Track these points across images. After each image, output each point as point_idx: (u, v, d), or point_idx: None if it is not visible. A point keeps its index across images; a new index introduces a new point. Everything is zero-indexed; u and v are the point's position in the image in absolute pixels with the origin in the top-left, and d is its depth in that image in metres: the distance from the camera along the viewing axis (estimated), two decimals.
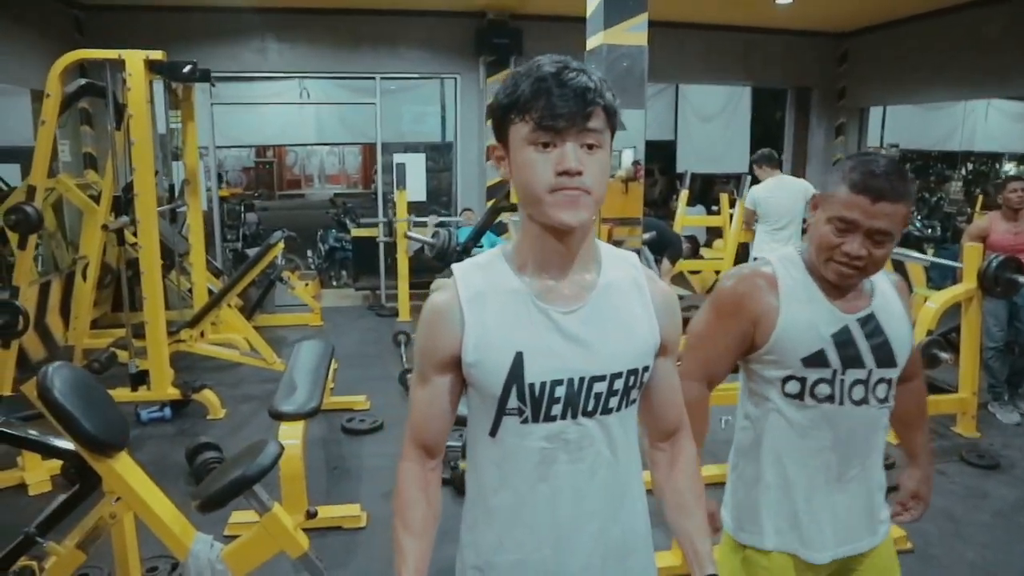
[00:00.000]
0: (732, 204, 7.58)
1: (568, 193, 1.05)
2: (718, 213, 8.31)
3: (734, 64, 8.71)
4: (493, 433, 1.17)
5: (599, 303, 1.16)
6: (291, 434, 3.15)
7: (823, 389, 1.49)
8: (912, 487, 1.73)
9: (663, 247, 6.22)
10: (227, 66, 7.18)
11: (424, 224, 7.34)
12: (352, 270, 8.55)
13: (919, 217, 11.30)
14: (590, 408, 1.15)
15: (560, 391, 1.13)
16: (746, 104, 10.02)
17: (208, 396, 4.61)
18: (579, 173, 1.05)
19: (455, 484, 3.69)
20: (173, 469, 3.75)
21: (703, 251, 8.65)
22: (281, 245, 5.43)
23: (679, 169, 9.78)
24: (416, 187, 7.24)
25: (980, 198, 8.92)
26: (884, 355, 1.50)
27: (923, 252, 7.50)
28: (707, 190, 11.83)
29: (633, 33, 3.64)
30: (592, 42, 3.81)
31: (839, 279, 1.46)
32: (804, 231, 6.03)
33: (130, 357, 4.48)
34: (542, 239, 1.13)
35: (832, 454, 1.51)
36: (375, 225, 7.90)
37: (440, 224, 7.09)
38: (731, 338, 1.54)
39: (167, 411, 4.53)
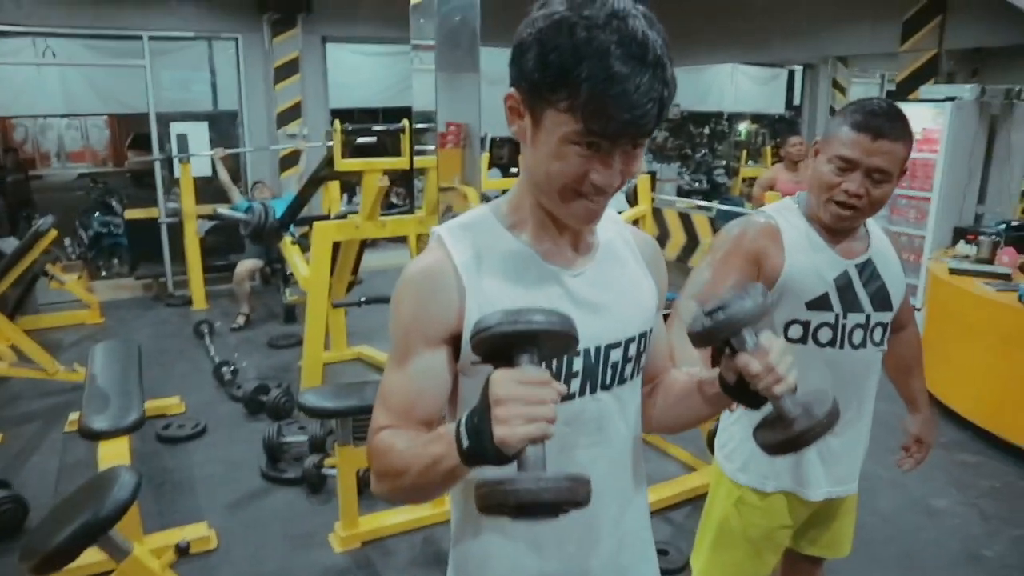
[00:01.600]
0: None
1: (593, 200, 0.93)
2: (517, 175, 8.42)
3: None
4: None
5: (603, 263, 1.05)
6: (115, 454, 2.66)
7: (825, 334, 1.52)
8: (915, 431, 1.80)
9: None
10: None
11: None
12: (128, 257, 7.53)
13: (686, 172, 12.35)
14: (607, 380, 1.03)
15: (578, 364, 0.99)
16: None
17: None
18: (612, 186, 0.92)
19: (308, 482, 3.38)
20: None
21: None
22: (53, 232, 4.57)
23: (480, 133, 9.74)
24: (201, 161, 6.45)
25: (769, 152, 9.78)
26: (881, 299, 1.56)
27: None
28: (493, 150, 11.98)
29: None
30: None
31: (836, 220, 1.49)
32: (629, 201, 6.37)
33: None
34: (544, 213, 1.00)
35: None
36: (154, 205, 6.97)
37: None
38: (735, 279, 1.51)
39: None
